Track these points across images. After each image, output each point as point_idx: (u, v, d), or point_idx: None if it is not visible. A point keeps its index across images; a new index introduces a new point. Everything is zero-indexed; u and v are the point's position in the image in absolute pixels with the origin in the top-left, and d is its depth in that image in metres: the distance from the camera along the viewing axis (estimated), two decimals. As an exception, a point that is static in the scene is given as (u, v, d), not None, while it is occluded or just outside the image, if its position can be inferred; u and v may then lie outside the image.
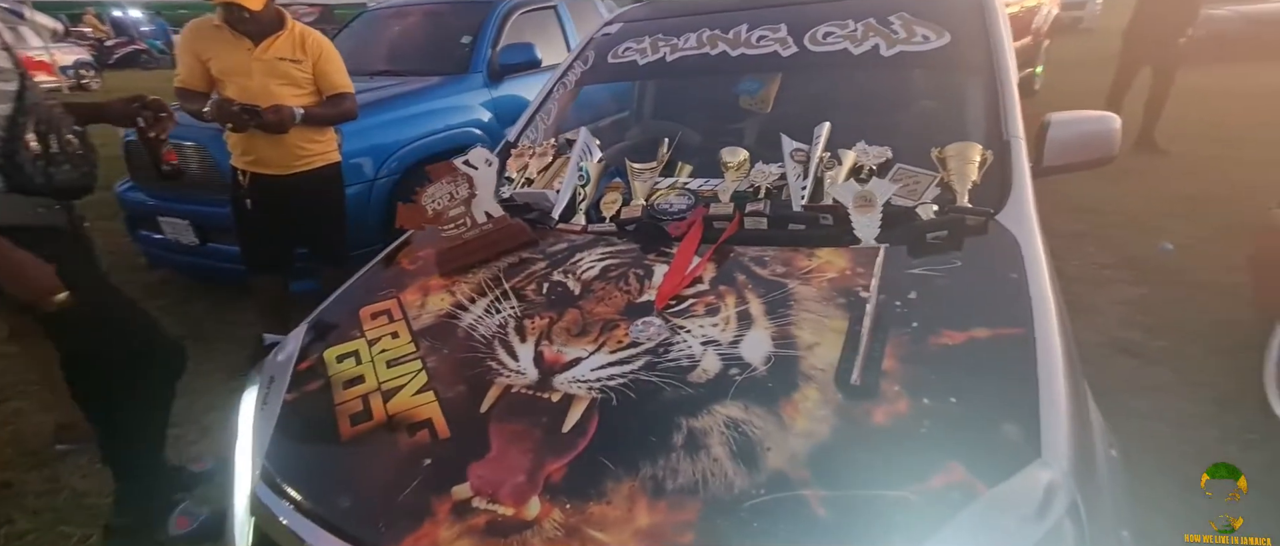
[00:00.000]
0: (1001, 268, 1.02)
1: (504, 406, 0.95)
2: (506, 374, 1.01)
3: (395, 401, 1.02)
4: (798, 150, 1.31)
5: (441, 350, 1.11)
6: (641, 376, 0.95)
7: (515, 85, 3.29)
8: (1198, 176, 3.46)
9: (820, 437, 0.81)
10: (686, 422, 0.86)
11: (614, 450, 0.85)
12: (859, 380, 0.86)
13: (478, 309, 1.19)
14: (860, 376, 0.86)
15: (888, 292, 0.98)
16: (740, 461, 0.80)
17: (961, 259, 1.06)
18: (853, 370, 0.88)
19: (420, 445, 0.93)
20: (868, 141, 1.30)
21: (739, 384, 0.90)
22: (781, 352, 0.95)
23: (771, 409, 0.86)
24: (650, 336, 1.02)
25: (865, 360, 0.88)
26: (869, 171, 1.25)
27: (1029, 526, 0.68)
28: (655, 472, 0.81)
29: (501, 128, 3.05)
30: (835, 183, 1.22)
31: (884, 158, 1.27)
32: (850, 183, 1.20)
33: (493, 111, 3.19)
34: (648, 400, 0.91)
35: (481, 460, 0.88)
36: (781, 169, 1.32)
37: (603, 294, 1.14)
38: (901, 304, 0.97)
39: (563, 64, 1.96)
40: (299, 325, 1.29)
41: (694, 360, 0.97)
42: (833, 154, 1.29)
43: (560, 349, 1.03)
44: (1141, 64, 4.03)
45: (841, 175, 1.24)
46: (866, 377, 0.86)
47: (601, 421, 0.89)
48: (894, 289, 1.00)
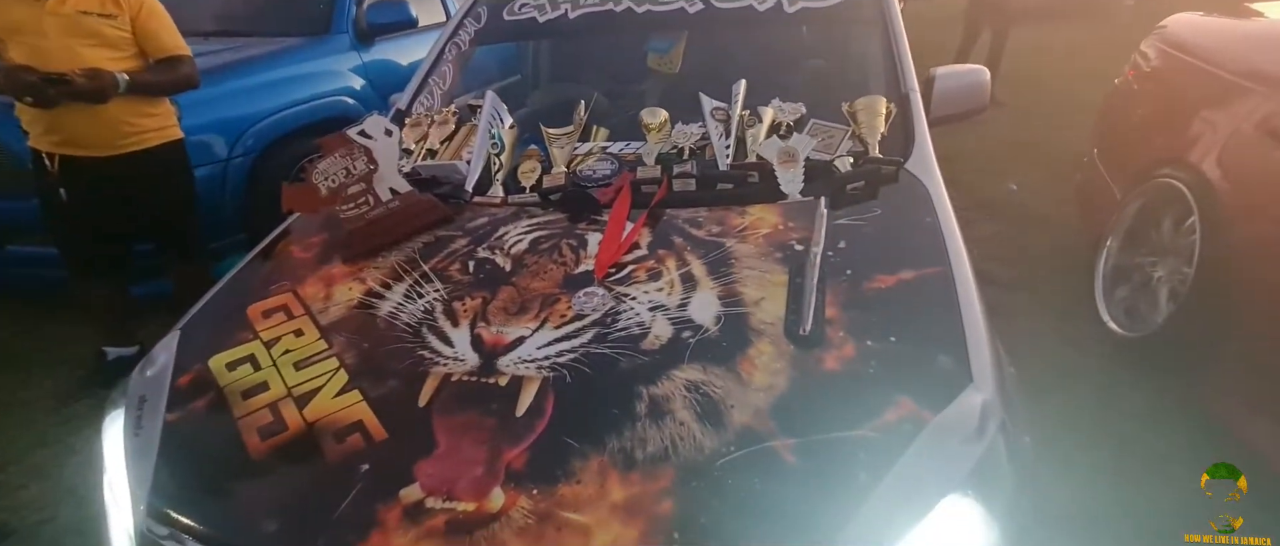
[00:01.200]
0: (916, 212, 1.10)
1: (446, 397, 0.88)
2: (443, 362, 0.93)
3: (314, 406, 0.90)
4: (718, 109, 1.31)
5: (360, 344, 1.00)
6: (593, 349, 0.92)
7: (388, 48, 2.99)
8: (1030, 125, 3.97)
9: (779, 389, 0.83)
10: (647, 391, 0.85)
11: (576, 428, 0.82)
12: (807, 330, 0.89)
13: (396, 295, 1.08)
14: (808, 326, 0.89)
15: (820, 244, 1.02)
16: (707, 422, 0.80)
17: (880, 207, 1.12)
18: (800, 321, 0.91)
19: (353, 450, 0.84)
20: (781, 98, 1.33)
21: (693, 346, 0.90)
22: (730, 311, 0.95)
23: (729, 367, 0.87)
24: (595, 307, 0.99)
25: (810, 310, 0.91)
26: (787, 127, 1.28)
27: (971, 446, 0.74)
28: (623, 445, 0.79)
29: (377, 95, 2.76)
30: (758, 140, 1.24)
31: (799, 114, 1.30)
32: (773, 139, 1.22)
33: (364, 78, 2.87)
34: (603, 373, 0.88)
35: (429, 457, 0.81)
36: (702, 129, 1.31)
37: (537, 268, 1.08)
38: (834, 253, 1.02)
39: (452, 22, 1.79)
40: (168, 334, 1.10)
41: (644, 327, 0.95)
42: (752, 111, 1.31)
43: (499, 330, 0.97)
44: (982, 26, 4.52)
45: (763, 132, 1.26)
46: (813, 327, 0.89)
47: (557, 400, 0.85)
48: (825, 240, 1.04)
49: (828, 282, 0.96)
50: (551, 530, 0.72)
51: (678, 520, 0.71)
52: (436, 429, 0.84)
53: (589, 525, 0.72)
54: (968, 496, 0.71)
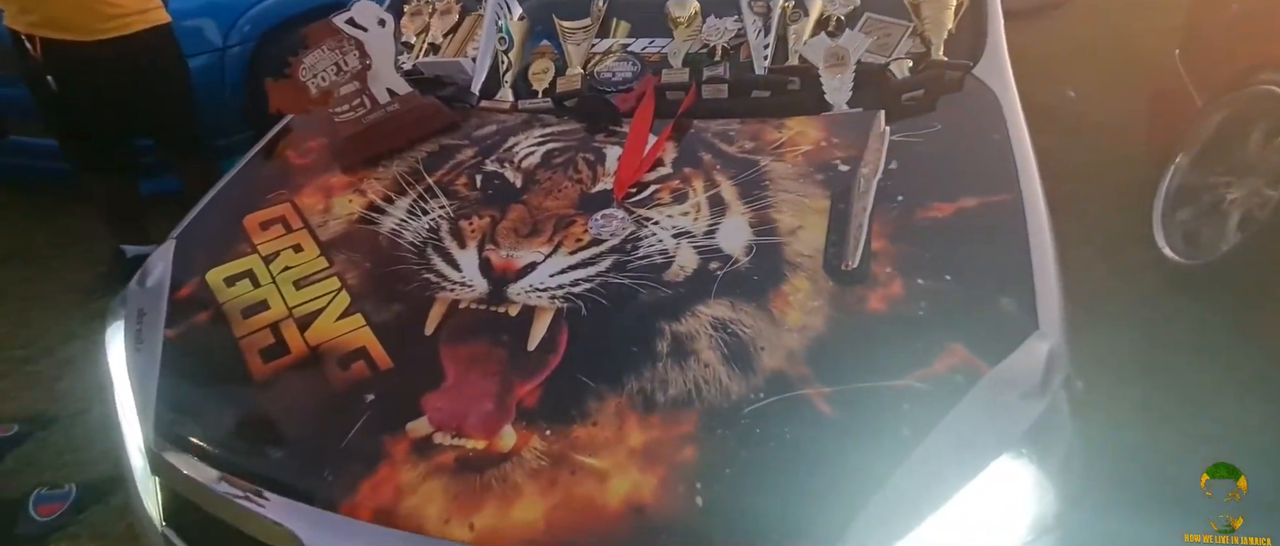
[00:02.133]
0: (984, 128, 0.96)
1: (453, 326, 0.82)
2: (449, 288, 0.87)
3: (315, 329, 0.85)
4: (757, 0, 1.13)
5: (362, 264, 0.93)
6: (610, 279, 0.84)
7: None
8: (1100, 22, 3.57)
9: (816, 331, 0.75)
10: (669, 327, 0.78)
11: (591, 365, 0.76)
12: (850, 264, 0.80)
13: (398, 210, 1.00)
14: (851, 260, 0.80)
15: (869, 164, 0.90)
16: (734, 365, 0.73)
17: (940, 121, 0.98)
18: (842, 254, 0.81)
19: (358, 379, 0.79)
20: (832, -14, 1.14)
21: (722, 279, 0.82)
22: (763, 240, 0.86)
23: (760, 304, 0.78)
24: (614, 231, 0.90)
25: (854, 241, 0.81)
26: (837, 22, 1.11)
27: (1030, 402, 0.67)
28: (642, 386, 0.73)
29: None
30: (802, 38, 1.08)
31: (852, 6, 1.12)
32: (819, 37, 1.06)
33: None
34: (622, 305, 0.81)
35: (437, 390, 0.76)
36: (737, 24, 1.15)
37: (550, 185, 0.98)
38: (884, 176, 0.90)
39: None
40: (164, 241, 1.04)
41: (667, 255, 0.86)
42: (797, 2, 1.13)
43: (509, 253, 0.89)
44: None
45: (808, 29, 1.09)
46: (857, 261, 0.80)
47: (572, 334, 0.79)
48: (875, 160, 0.91)
49: (876, 210, 0.86)
50: (565, 473, 0.68)
51: (701, 469, 0.66)
52: (443, 360, 0.79)
53: (606, 470, 0.67)
54: (1022, 457, 0.64)
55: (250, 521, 0.73)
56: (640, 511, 0.64)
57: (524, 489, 0.67)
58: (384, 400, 0.77)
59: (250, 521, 0.73)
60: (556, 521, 0.65)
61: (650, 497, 0.65)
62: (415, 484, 0.69)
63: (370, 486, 0.70)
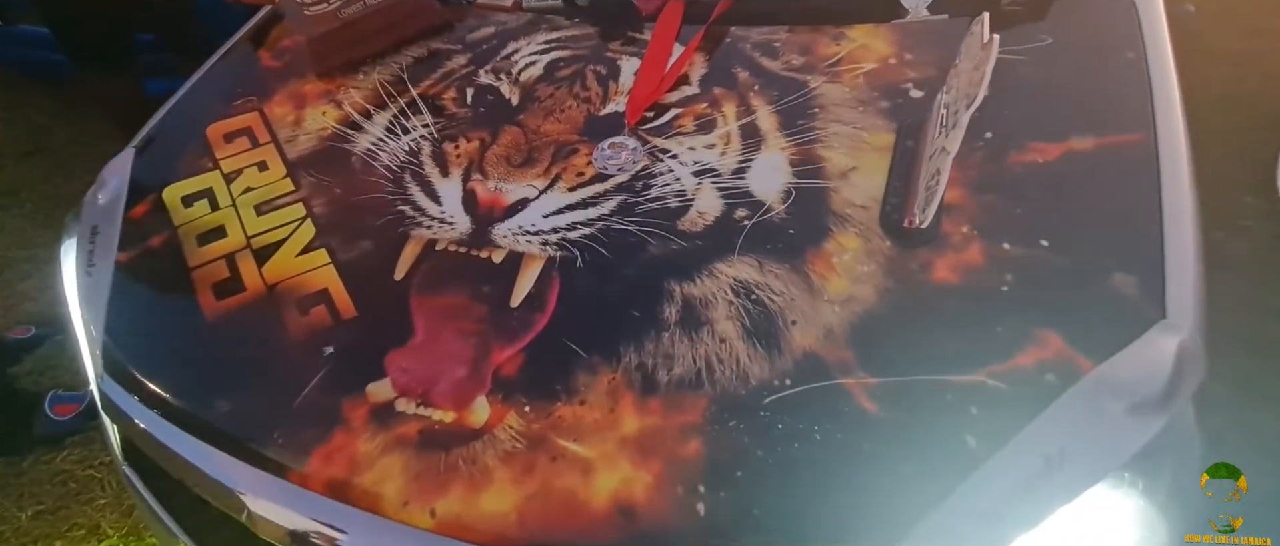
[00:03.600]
0: (1110, 43, 0.74)
1: (428, 270, 0.70)
2: (427, 223, 0.73)
3: (274, 264, 0.74)
4: None
5: (331, 189, 0.80)
6: (614, 223, 0.69)
7: None
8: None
9: (864, 304, 0.60)
10: (680, 288, 0.63)
11: (584, 330, 0.63)
12: (916, 220, 0.63)
13: (376, 127, 0.86)
14: (918, 215, 0.63)
15: (952, 89, 0.71)
16: (757, 341, 0.59)
17: (1051, 33, 0.76)
18: (906, 206, 0.64)
19: (316, 326, 0.68)
20: None
21: (749, 231, 0.66)
22: (804, 184, 0.69)
23: (796, 265, 0.63)
24: (623, 165, 0.74)
25: (923, 192, 0.64)
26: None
27: (1147, 416, 0.51)
28: (643, 360, 0.60)
29: None
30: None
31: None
32: (899, -80, 0.83)
33: None
34: (625, 258, 0.67)
35: (404, 347, 0.64)
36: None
37: (551, 104, 0.82)
38: (969, 105, 0.70)
39: None
40: (122, 152, 0.93)
41: (685, 198, 0.70)
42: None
43: (498, 186, 0.74)
44: None
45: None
46: (926, 217, 0.62)
47: (563, 289, 0.65)
48: (958, 84, 0.71)
49: None
50: (544, 460, 0.56)
51: (706, 469, 0.54)
52: (414, 310, 0.67)
53: (592, 460, 0.56)
54: (1129, 489, 0.50)
55: (194, 476, 0.65)
56: (629, 514, 0.53)
57: (495, 474, 0.56)
58: (344, 354, 0.66)
59: (194, 476, 0.65)
60: (530, 515, 0.54)
61: (642, 498, 0.53)
62: (373, 456, 0.59)
63: (323, 455, 0.60)
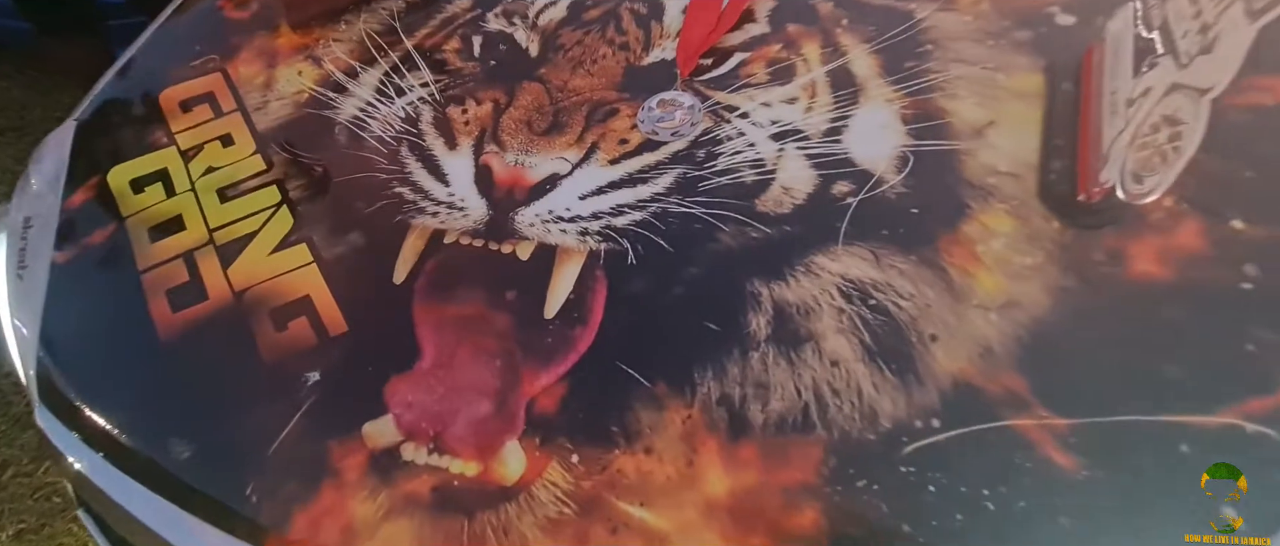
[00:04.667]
0: None
1: (436, 271, 0.55)
2: (432, 209, 0.58)
3: (243, 264, 0.59)
4: None
5: (312, 168, 0.65)
6: (673, 205, 0.54)
7: None
8: None
9: (1033, 310, 0.45)
10: (769, 291, 0.49)
11: (643, 348, 0.48)
12: (1094, 189, 0.47)
13: (364, 89, 0.70)
14: (1099, 182, 0.47)
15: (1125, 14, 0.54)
16: (884, 364, 0.44)
17: None
18: (1075, 170, 0.49)
19: (297, 347, 0.54)
20: None
21: (856, 211, 0.51)
22: (925, 146, 0.53)
23: (926, 257, 0.48)
24: (677, 128, 0.58)
25: (1100, 149, 0.48)
26: None
27: None
28: (727, 390, 0.45)
29: None
30: None
31: None
32: None
33: None
34: (691, 250, 0.52)
35: (409, 374, 0.50)
36: None
37: (579, 53, 0.66)
38: (1158, 28, 0.54)
39: None
40: (62, 125, 0.77)
41: (764, 170, 0.55)
42: None
43: (520, 160, 0.59)
44: None
45: None
46: (1109, 180, 0.47)
47: (612, 294, 0.51)
48: None
49: (1141, 88, 0.51)
50: (601, 531, 0.42)
51: None
52: (420, 324, 0.52)
53: (667, 533, 0.41)
54: None
55: (146, 539, 0.51)
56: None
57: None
58: (332, 383, 0.51)
59: (146, 539, 0.51)
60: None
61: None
62: (373, 521, 0.45)
63: (308, 517, 0.46)
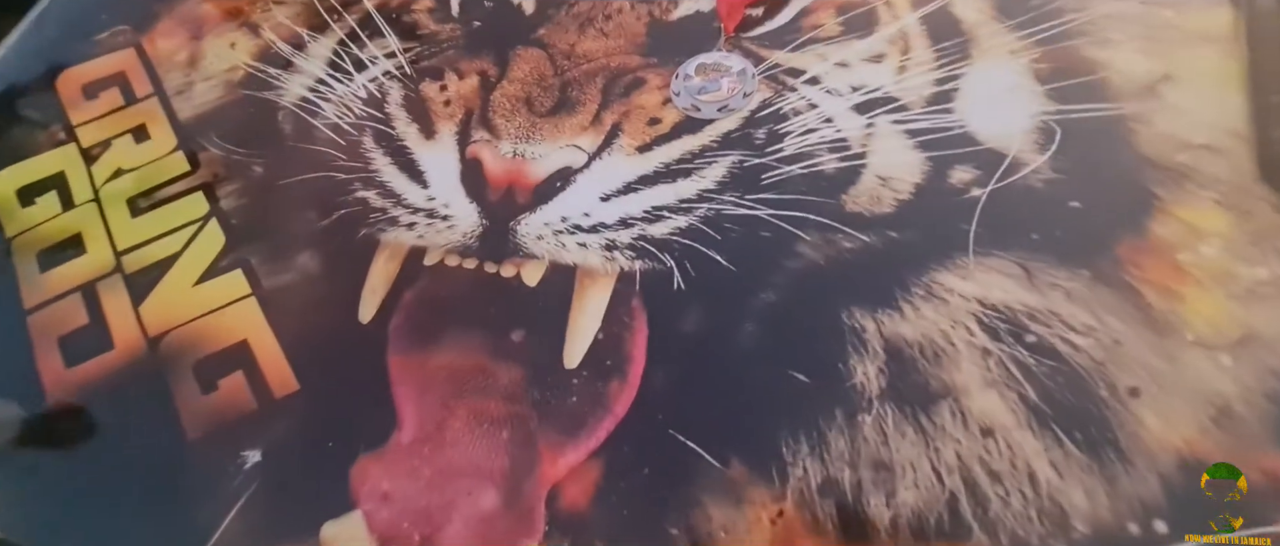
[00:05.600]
0: None
1: (416, 306, 0.42)
2: (407, 220, 0.44)
3: (160, 300, 0.46)
4: None
5: (248, 168, 0.51)
6: (729, 206, 0.41)
7: None
8: None
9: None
10: (875, 324, 0.36)
11: (704, 413, 0.35)
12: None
13: (314, 64, 0.55)
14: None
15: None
16: (1064, 435, 0.32)
17: None
18: None
19: (232, 413, 0.40)
20: None
21: (988, 207, 0.38)
22: (1075, 111, 0.40)
23: (1103, 273, 0.35)
24: (725, 101, 0.45)
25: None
26: None
27: None
28: (831, 475, 0.33)
29: None
30: None
31: None
32: None
33: None
34: (759, 270, 0.39)
35: (382, 452, 0.37)
36: None
37: (590, 7, 0.51)
38: None
39: None
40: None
41: (849, 153, 0.42)
42: None
43: (519, 150, 0.45)
44: None
45: None
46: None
47: (657, 335, 0.38)
48: None
49: None
50: None
51: None
52: (396, 382, 0.39)
53: None
54: None
55: None
56: None
57: None
58: (279, 465, 0.38)
59: None
60: None
61: None
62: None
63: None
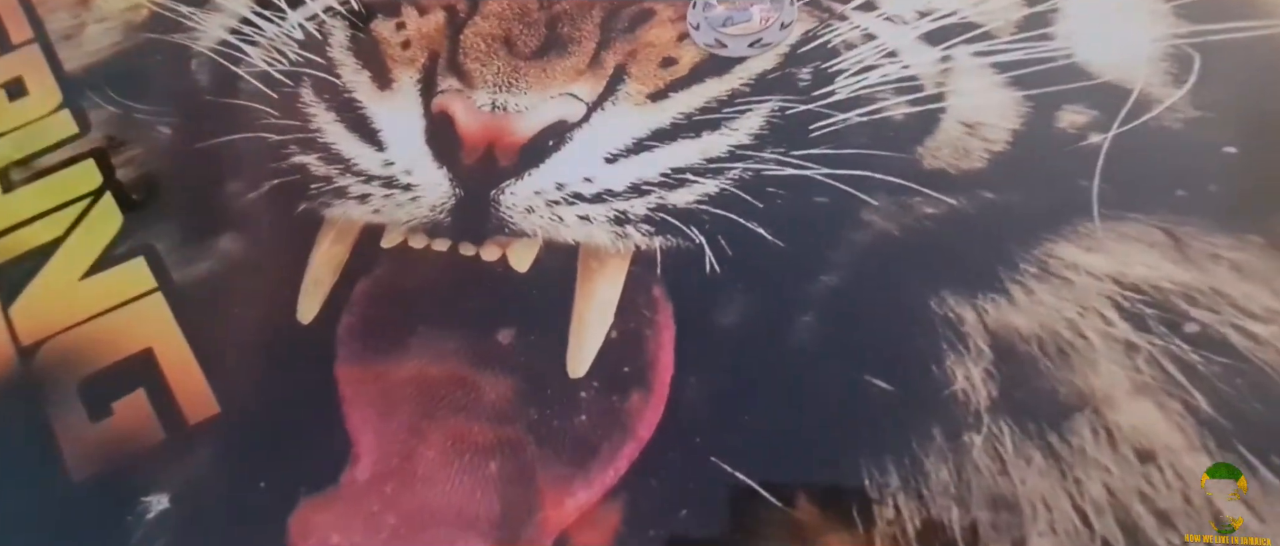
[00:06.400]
0: None
1: (371, 300, 0.32)
2: (358, 191, 0.35)
3: (37, 299, 0.36)
4: None
5: (152, 128, 0.40)
6: (771, 166, 0.32)
7: None
8: None
9: None
10: (976, 313, 0.28)
11: (754, 434, 0.27)
12: None
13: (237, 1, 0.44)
14: None
15: None
16: (1257, 459, 0.25)
17: None
18: None
19: (132, 444, 0.31)
20: None
21: (1111, 156, 0.30)
22: (1215, 32, 0.33)
23: None
24: (757, 34, 0.36)
25: None
26: None
27: None
28: (931, 513, 0.25)
29: None
30: None
31: None
32: None
33: None
34: (816, 246, 0.30)
35: (329, 493, 0.28)
36: None
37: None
38: None
39: None
40: None
41: (922, 96, 0.33)
42: None
43: (500, 101, 0.35)
44: None
45: None
46: None
47: (686, 332, 0.29)
48: None
49: None
50: None
51: None
52: (349, 401, 0.30)
53: None
54: None
55: None
56: None
57: None
58: (194, 513, 0.29)
59: None
60: None
61: None
62: None
63: None
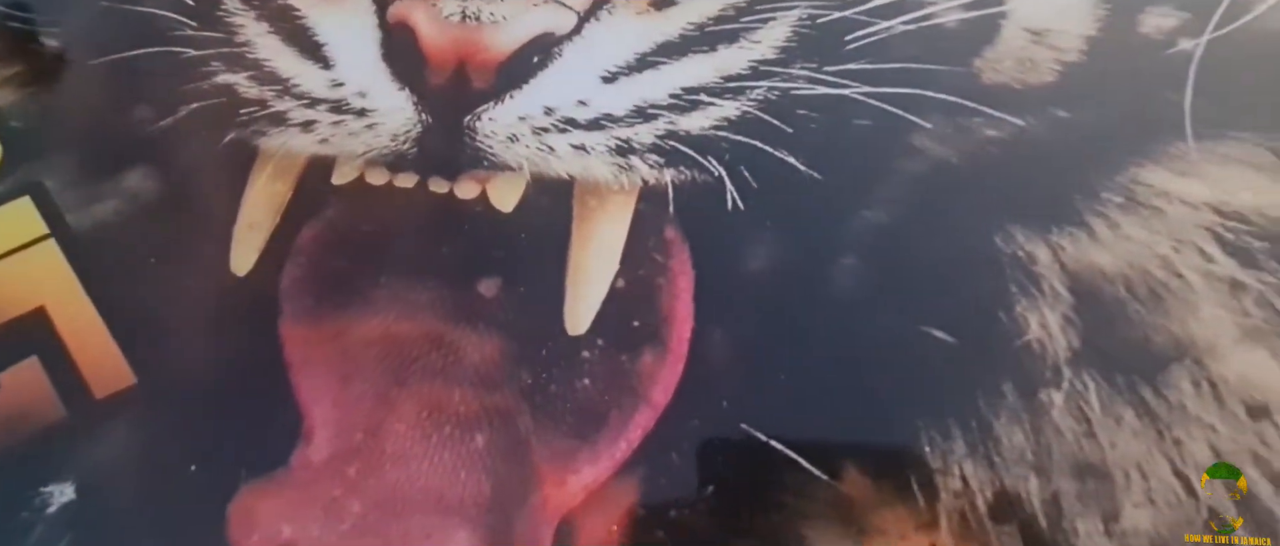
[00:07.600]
0: None
1: (321, 248, 0.26)
2: (300, 117, 0.28)
3: None
4: None
5: (38, 40, 0.33)
6: (800, 85, 0.26)
7: None
8: None
9: None
10: (1049, 250, 0.24)
11: (794, 396, 0.23)
12: None
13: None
14: None
15: None
16: None
17: None
18: None
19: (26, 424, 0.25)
20: None
21: (1205, 64, 0.25)
22: None
23: None
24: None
25: None
26: None
27: None
28: (1005, 484, 0.21)
29: None
30: None
31: None
32: None
33: None
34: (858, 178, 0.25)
35: (277, 476, 0.23)
36: None
37: None
38: None
39: None
40: None
41: (978, 1, 0.27)
42: None
43: (471, 9, 0.28)
44: None
45: None
46: None
47: (707, 279, 0.24)
48: None
49: None
50: None
51: None
52: (297, 366, 0.25)
53: None
54: None
55: None
56: None
57: None
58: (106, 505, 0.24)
59: None
60: None
61: None
62: None
63: None
